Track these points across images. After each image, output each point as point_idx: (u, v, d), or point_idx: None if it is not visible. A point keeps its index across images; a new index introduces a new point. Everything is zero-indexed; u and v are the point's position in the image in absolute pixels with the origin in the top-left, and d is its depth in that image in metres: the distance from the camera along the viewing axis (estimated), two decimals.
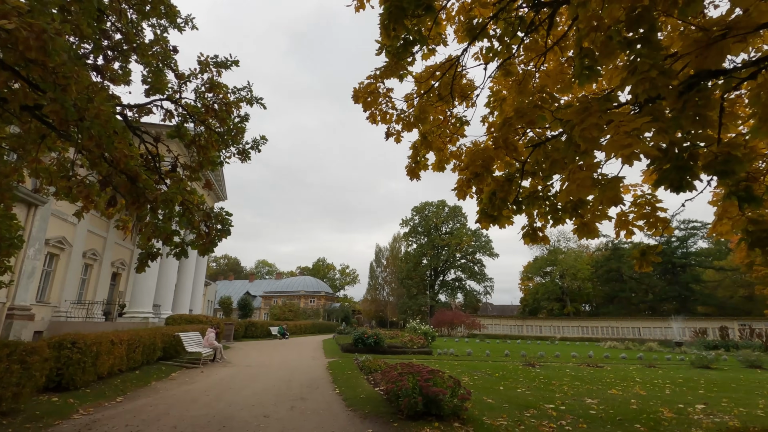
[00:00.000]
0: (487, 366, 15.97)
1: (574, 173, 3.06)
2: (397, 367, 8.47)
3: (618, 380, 12.61)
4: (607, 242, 62.74)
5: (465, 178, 4.81)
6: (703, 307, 53.93)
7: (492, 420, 6.82)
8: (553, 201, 4.57)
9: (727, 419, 7.38)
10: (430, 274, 68.93)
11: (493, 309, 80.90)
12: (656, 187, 3.84)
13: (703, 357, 18.16)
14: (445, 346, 25.20)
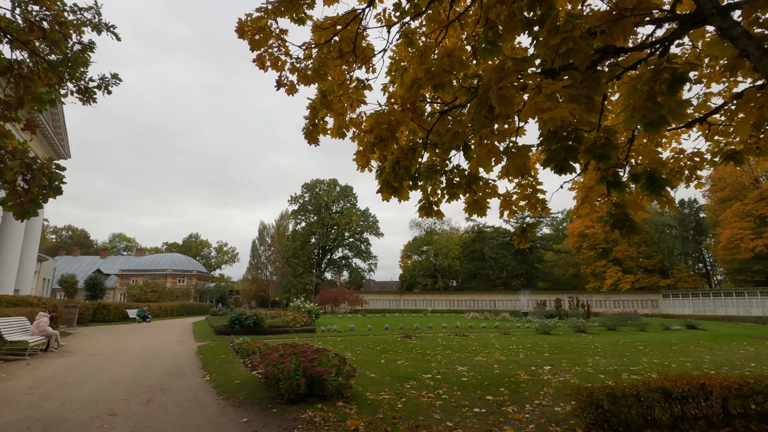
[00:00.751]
0: (368, 340, 16.33)
1: (487, 138, 2.91)
2: (279, 348, 7.90)
3: (482, 347, 14.05)
4: (473, 226, 70.30)
5: (368, 143, 4.43)
6: (543, 283, 64.48)
7: (375, 395, 6.80)
8: (449, 176, 4.51)
9: (568, 377, 8.65)
10: (318, 252, 68.47)
11: (375, 285, 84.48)
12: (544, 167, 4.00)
13: (545, 325, 21.50)
14: (328, 323, 25.21)
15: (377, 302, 56.19)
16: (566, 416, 5.67)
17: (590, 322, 25.28)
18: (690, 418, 5.03)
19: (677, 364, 10.58)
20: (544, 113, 2.51)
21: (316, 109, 5.19)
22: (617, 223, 4.17)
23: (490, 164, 3.01)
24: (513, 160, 3.04)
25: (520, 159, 3.03)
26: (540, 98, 2.50)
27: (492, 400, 6.57)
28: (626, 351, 13.67)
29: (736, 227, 45.00)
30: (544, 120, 2.53)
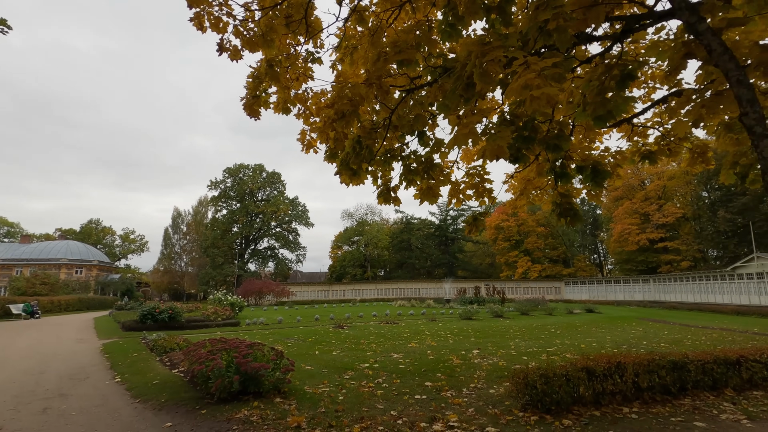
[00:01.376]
0: (299, 332, 15.86)
1: (467, 117, 2.80)
2: (206, 344, 7.23)
3: (413, 334, 14.38)
4: (402, 217, 72.01)
5: (326, 120, 4.10)
6: (462, 272, 68.28)
7: (314, 388, 6.54)
8: (406, 162, 4.38)
9: (496, 360, 9.15)
10: (241, 242, 64.99)
11: (303, 276, 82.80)
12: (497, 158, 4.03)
13: (467, 311, 22.75)
14: (254, 316, 24.05)
15: (305, 294, 55.17)
16: (501, 398, 5.95)
17: (505, 308, 27.25)
18: (608, 393, 5.55)
19: (585, 344, 11.77)
20: (534, 90, 2.45)
21: (259, 80, 4.71)
22: (564, 212, 4.37)
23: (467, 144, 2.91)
24: (493, 141, 2.98)
25: (501, 140, 2.98)
26: (530, 74, 2.44)
27: (431, 386, 6.67)
28: (541, 333, 14.93)
29: (625, 223, 51.41)
30: (535, 97, 2.47)
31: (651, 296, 44.74)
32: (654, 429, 4.54)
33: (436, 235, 69.62)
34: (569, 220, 4.39)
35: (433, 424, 4.86)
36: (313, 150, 6.16)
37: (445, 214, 70.86)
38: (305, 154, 6.16)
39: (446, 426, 4.78)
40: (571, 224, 4.46)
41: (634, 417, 4.98)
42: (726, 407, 5.34)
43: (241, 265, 60.93)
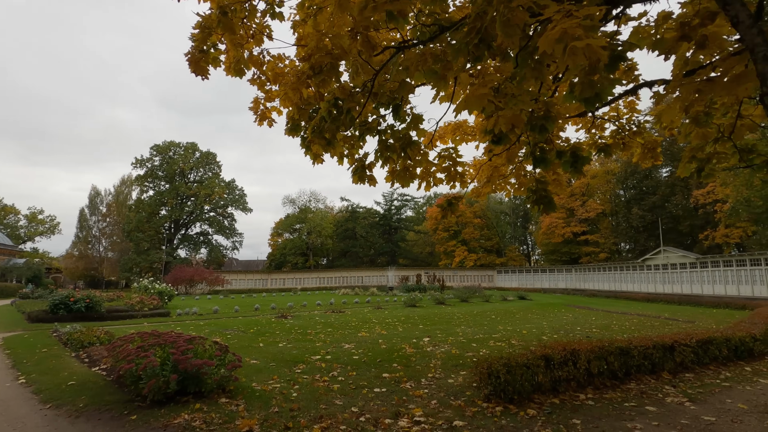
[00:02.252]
0: (238, 323, 14.91)
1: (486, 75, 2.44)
2: (136, 338, 6.33)
3: (361, 323, 14.12)
4: (347, 206, 71.40)
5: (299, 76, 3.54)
6: (404, 260, 69.51)
7: (263, 385, 5.98)
8: (383, 137, 3.97)
9: (448, 348, 9.16)
10: (170, 226, 60.30)
11: (239, 264, 79.27)
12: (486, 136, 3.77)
13: (412, 298, 23.00)
14: (185, 306, 22.34)
15: (241, 282, 52.73)
16: (461, 388, 5.85)
17: (446, 295, 27.98)
18: (564, 380, 5.66)
19: (526, 330, 12.28)
20: (576, 41, 2.13)
21: (209, 30, 4.01)
22: (539, 199, 4.25)
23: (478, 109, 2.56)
24: (514, 106, 2.66)
25: (523, 105, 2.67)
26: (570, 22, 2.11)
27: (389, 377, 6.42)
28: (483, 320, 15.40)
29: (553, 217, 55.20)
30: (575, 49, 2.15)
31: (573, 284, 48.72)
32: (612, 415, 4.66)
33: (380, 224, 69.97)
34: (543, 207, 4.29)
35: (398, 419, 4.59)
36: (267, 122, 5.52)
37: (390, 204, 71.41)
38: (258, 126, 5.51)
39: (412, 421, 4.53)
40: (544, 211, 4.38)
41: (591, 404, 5.10)
42: (668, 390, 5.68)
43: (169, 251, 56.64)
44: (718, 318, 16.38)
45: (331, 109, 3.32)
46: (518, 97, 2.64)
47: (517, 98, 2.64)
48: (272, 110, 5.43)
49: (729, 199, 39.03)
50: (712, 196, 43.28)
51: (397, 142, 3.80)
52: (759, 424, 4.32)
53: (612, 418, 4.56)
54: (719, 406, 4.96)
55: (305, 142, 4.67)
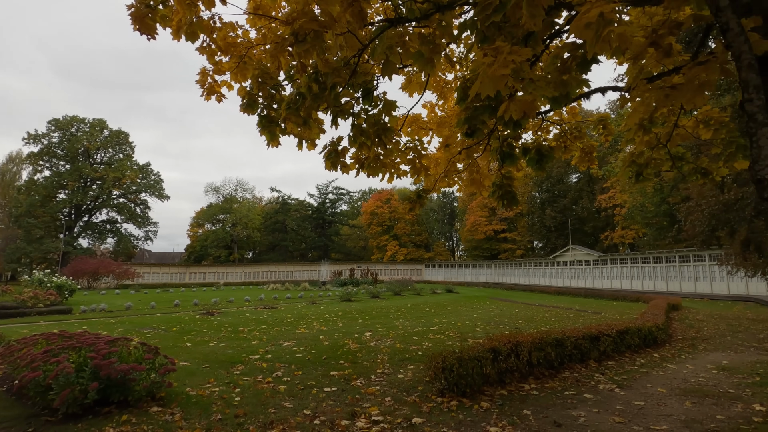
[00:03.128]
0: (157, 320, 13.54)
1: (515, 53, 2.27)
2: (40, 341, 5.34)
3: (297, 319, 13.62)
4: (278, 197, 68.82)
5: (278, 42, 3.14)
6: (336, 254, 69.04)
7: (200, 389, 5.41)
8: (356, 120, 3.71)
9: (391, 342, 9.14)
10: (70, 212, 53.18)
11: (152, 256, 72.82)
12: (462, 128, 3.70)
13: (348, 293, 22.82)
14: (91, 302, 19.83)
15: (155, 276, 48.39)
16: (413, 383, 5.82)
17: (379, 288, 28.26)
18: (509, 371, 5.89)
19: (461, 323, 12.74)
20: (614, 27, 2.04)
21: None
22: (504, 195, 4.31)
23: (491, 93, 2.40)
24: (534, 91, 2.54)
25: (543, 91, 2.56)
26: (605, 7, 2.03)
27: (338, 375, 6.19)
28: (419, 313, 15.74)
29: (477, 215, 58.68)
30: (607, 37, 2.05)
31: (493, 278, 52.18)
32: (557, 404, 4.92)
33: (313, 218, 68.49)
34: (507, 202, 4.37)
35: (355, 420, 4.40)
36: (216, 97, 4.96)
37: (324, 197, 70.18)
38: (205, 100, 4.94)
39: (370, 421, 4.37)
40: (508, 207, 4.46)
41: (536, 394, 5.36)
42: (599, 378, 6.19)
43: (69, 240, 50.06)
44: (619, 309, 18.50)
45: (311, 85, 3.00)
46: (537, 82, 2.57)
47: (536, 83, 2.57)
48: (222, 84, 4.88)
49: (626, 204, 44.45)
50: (612, 201, 48.94)
51: (371, 127, 3.58)
52: (680, 405, 4.86)
53: (558, 407, 4.82)
54: (643, 391, 5.51)
55: (263, 120, 4.25)
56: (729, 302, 23.88)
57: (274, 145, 4.55)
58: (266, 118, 4.25)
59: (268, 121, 4.27)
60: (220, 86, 4.87)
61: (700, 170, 4.87)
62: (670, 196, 35.88)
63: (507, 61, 2.20)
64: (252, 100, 4.09)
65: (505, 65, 2.21)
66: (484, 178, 5.34)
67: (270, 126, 4.28)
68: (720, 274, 29.09)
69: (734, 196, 9.04)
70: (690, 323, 13.25)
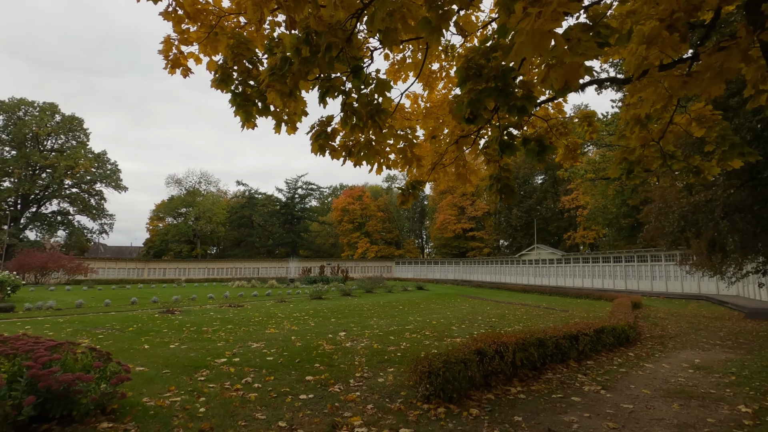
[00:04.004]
0: (111, 319, 12.52)
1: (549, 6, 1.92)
2: None
3: (266, 318, 12.98)
4: (244, 191, 66.75)
5: None
6: (305, 251, 67.84)
7: (158, 399, 4.82)
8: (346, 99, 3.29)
9: (368, 342, 8.77)
10: (16, 201, 49.21)
11: (107, 251, 68.90)
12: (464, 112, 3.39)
13: (318, 290, 22.22)
14: (37, 298, 18.26)
15: (111, 271, 45.73)
16: (395, 388, 5.48)
17: (350, 286, 27.77)
18: (494, 373, 5.67)
19: (435, 321, 12.55)
20: None
21: None
22: (503, 189, 4.02)
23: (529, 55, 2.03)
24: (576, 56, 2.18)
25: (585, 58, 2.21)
26: None
27: (313, 380, 5.75)
28: (392, 311, 15.45)
29: (447, 214, 59.34)
30: None
31: (461, 276, 52.88)
32: (547, 409, 4.73)
33: (281, 213, 66.85)
34: (505, 196, 4.09)
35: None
36: (181, 71, 4.40)
37: (293, 192, 68.68)
38: (170, 74, 4.38)
39: None
40: (506, 201, 4.18)
41: (523, 397, 5.15)
42: (582, 379, 6.08)
43: (14, 231, 46.36)
44: (585, 307, 18.99)
45: (300, 47, 2.56)
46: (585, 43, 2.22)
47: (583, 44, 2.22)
48: (189, 56, 4.33)
49: (588, 205, 46.11)
50: (575, 202, 50.67)
51: (364, 108, 3.18)
52: (668, 408, 4.79)
53: (548, 412, 4.62)
54: (628, 393, 5.43)
55: (237, 98, 3.75)
56: (683, 300, 25.18)
57: (250, 127, 4.06)
58: (241, 95, 3.76)
59: (243, 99, 3.78)
60: (186, 58, 4.32)
61: (692, 168, 4.78)
62: (630, 198, 37.51)
63: (557, 14, 1.88)
64: (226, 74, 3.60)
65: (554, 19, 1.89)
66: (471, 173, 5.05)
67: (245, 105, 3.80)
68: (675, 274, 30.70)
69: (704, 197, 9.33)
70: (653, 321, 13.68)
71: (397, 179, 78.54)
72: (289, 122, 4.19)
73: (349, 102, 3.20)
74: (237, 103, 3.75)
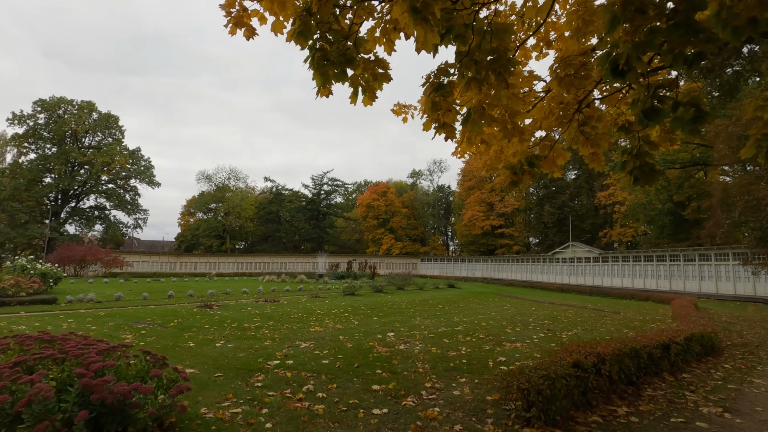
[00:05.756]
0: (152, 313, 12.34)
1: None
2: (11, 345, 4.18)
3: (305, 314, 12.51)
4: (272, 187, 67.20)
5: None
6: (330, 247, 67.80)
7: (217, 410, 4.29)
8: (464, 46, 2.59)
9: (423, 346, 8.09)
10: (56, 197, 51.05)
11: (141, 245, 70.98)
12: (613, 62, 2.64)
13: (351, 286, 21.71)
14: (78, 291, 18.50)
15: (145, 265, 46.82)
16: (477, 403, 4.78)
17: (379, 282, 27.16)
18: (592, 390, 4.88)
19: (485, 323, 11.74)
20: None
21: None
22: (642, 168, 3.22)
23: None
24: None
25: None
26: None
27: (381, 390, 5.12)
28: (433, 310, 14.73)
29: (475, 210, 57.93)
30: None
31: (489, 274, 51.52)
32: None
33: (308, 209, 67.02)
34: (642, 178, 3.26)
35: None
36: (244, 32, 3.80)
37: (319, 188, 68.75)
38: (230, 34, 3.78)
39: None
40: (643, 183, 3.36)
41: (635, 420, 4.36)
42: (691, 397, 5.22)
43: (55, 226, 48.10)
44: (635, 309, 17.73)
45: None
46: None
47: None
48: (253, 14, 3.73)
49: (627, 201, 43.85)
50: (612, 198, 48.37)
51: (484, 55, 2.48)
52: None
53: None
54: (759, 417, 4.55)
55: (317, 56, 3.13)
56: (738, 303, 23.34)
57: (324, 94, 3.44)
58: (321, 52, 3.14)
59: (323, 58, 3.16)
60: (250, 16, 3.72)
61: None
62: (676, 193, 35.35)
63: None
64: (306, 26, 2.97)
65: None
66: (602, 139, 4.06)
67: (325, 66, 3.18)
68: (726, 274, 28.72)
69: None
70: (722, 326, 12.45)
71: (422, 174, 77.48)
72: (367, 90, 3.55)
73: (470, 48, 2.50)
74: (316, 64, 3.13)
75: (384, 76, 3.50)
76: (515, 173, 3.52)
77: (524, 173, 3.46)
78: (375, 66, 3.47)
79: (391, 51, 3.73)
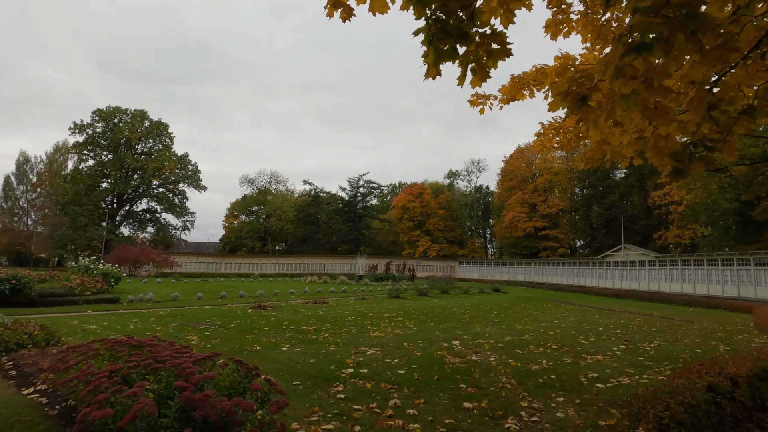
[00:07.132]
0: (210, 313, 12.48)
1: None
2: (101, 351, 4.08)
3: (359, 317, 12.24)
4: (310, 190, 68.27)
5: None
6: (366, 248, 67.89)
7: (308, 425, 3.99)
8: None
9: (499, 357, 7.55)
10: (112, 201, 54.16)
11: (187, 246, 73.96)
12: None
13: (396, 289, 21.35)
14: (136, 290, 19.23)
15: (193, 265, 48.63)
16: (590, 429, 4.21)
17: (421, 285, 26.51)
18: (726, 417, 4.19)
19: (552, 332, 10.99)
20: None
21: None
22: None
23: None
24: None
25: None
26: None
27: (474, 408, 4.66)
28: (488, 316, 14.07)
29: (516, 211, 55.97)
30: None
31: (532, 277, 49.56)
32: None
33: (345, 211, 67.54)
34: None
35: None
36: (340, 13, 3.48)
37: (355, 190, 69.14)
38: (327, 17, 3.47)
39: None
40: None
41: None
42: None
43: (111, 228, 50.96)
44: (707, 317, 16.23)
45: None
46: None
47: None
48: None
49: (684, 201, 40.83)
50: (668, 198, 45.22)
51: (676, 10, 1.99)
52: None
53: None
54: None
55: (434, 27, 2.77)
56: None
57: (432, 75, 3.09)
58: (439, 25, 2.78)
59: (440, 30, 2.81)
60: None
61: None
62: (745, 192, 32.52)
63: None
64: None
65: None
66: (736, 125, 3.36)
67: (443, 39, 2.82)
68: None
69: None
70: None
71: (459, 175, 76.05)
72: (478, 69, 3.15)
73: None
74: (432, 36, 2.77)
75: (501, 52, 3.09)
76: (678, 160, 2.97)
77: (693, 160, 2.91)
78: (490, 41, 3.07)
79: (509, 23, 3.32)
